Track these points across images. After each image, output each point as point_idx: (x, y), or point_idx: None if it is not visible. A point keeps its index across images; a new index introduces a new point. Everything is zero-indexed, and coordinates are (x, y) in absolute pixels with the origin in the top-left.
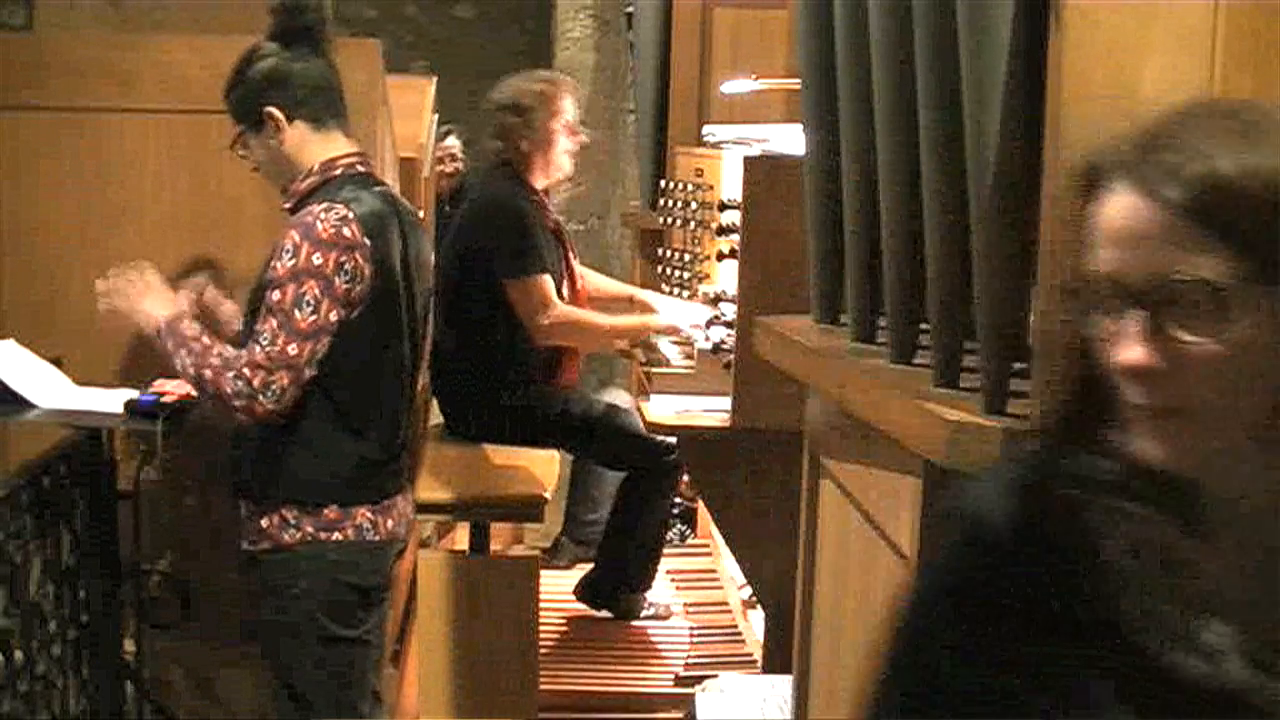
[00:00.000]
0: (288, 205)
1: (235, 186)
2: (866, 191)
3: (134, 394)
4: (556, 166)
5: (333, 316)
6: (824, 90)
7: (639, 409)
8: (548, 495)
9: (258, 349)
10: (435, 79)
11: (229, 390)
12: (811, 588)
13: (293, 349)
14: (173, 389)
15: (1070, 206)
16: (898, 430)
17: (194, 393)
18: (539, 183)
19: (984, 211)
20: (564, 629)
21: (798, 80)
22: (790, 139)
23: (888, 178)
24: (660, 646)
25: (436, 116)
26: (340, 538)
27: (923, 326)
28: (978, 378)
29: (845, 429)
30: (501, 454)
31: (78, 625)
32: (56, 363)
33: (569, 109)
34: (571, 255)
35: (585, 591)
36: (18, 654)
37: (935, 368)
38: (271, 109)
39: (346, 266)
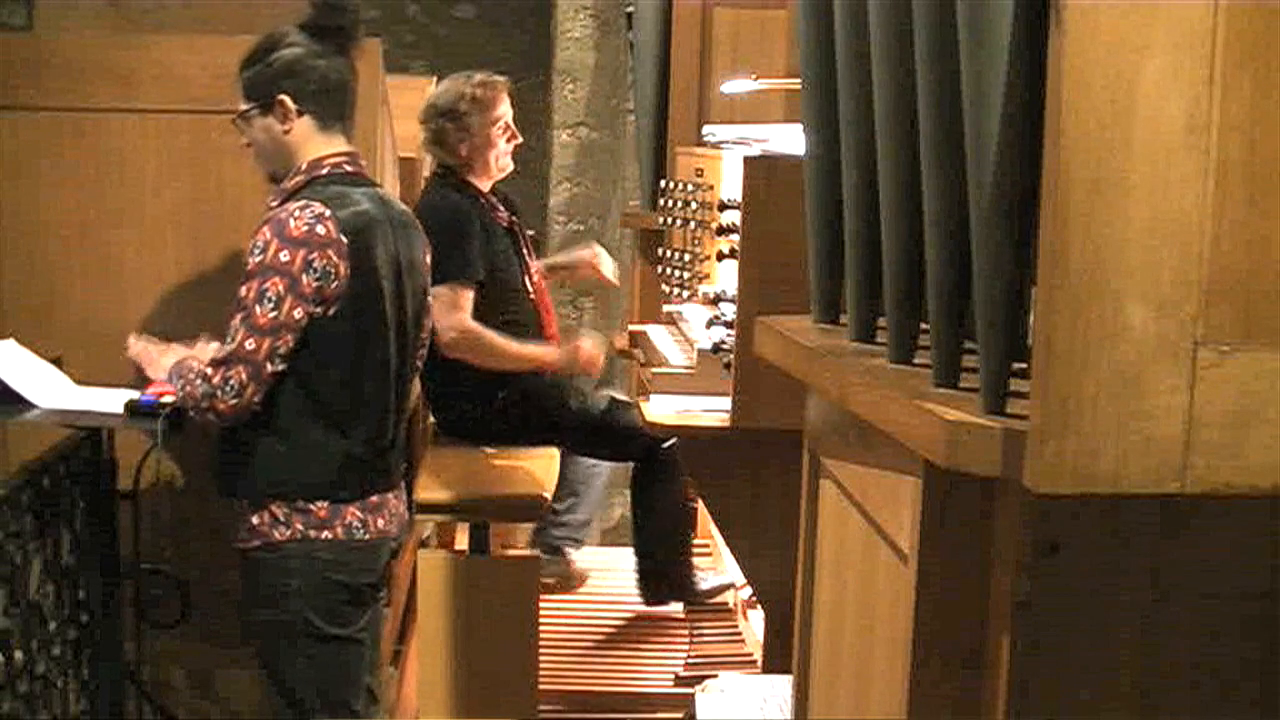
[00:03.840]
0: (274, 203)
1: (235, 186)
2: (866, 191)
3: (134, 394)
4: (499, 167)
5: (297, 314)
6: (824, 90)
7: (639, 408)
8: (548, 495)
9: (222, 347)
10: (435, 79)
11: (196, 394)
12: (811, 588)
13: (250, 344)
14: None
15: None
16: (898, 430)
17: None
18: (484, 184)
19: (984, 211)
20: (564, 629)
21: (798, 80)
22: (790, 139)
23: (888, 178)
24: (660, 646)
25: None
26: (330, 536)
27: (923, 326)
28: (978, 378)
29: (845, 429)
30: (501, 454)
31: (78, 625)
32: (56, 363)
33: (505, 110)
34: (528, 252)
35: (642, 592)
36: (18, 654)
37: (935, 368)
38: (284, 96)
39: (316, 264)
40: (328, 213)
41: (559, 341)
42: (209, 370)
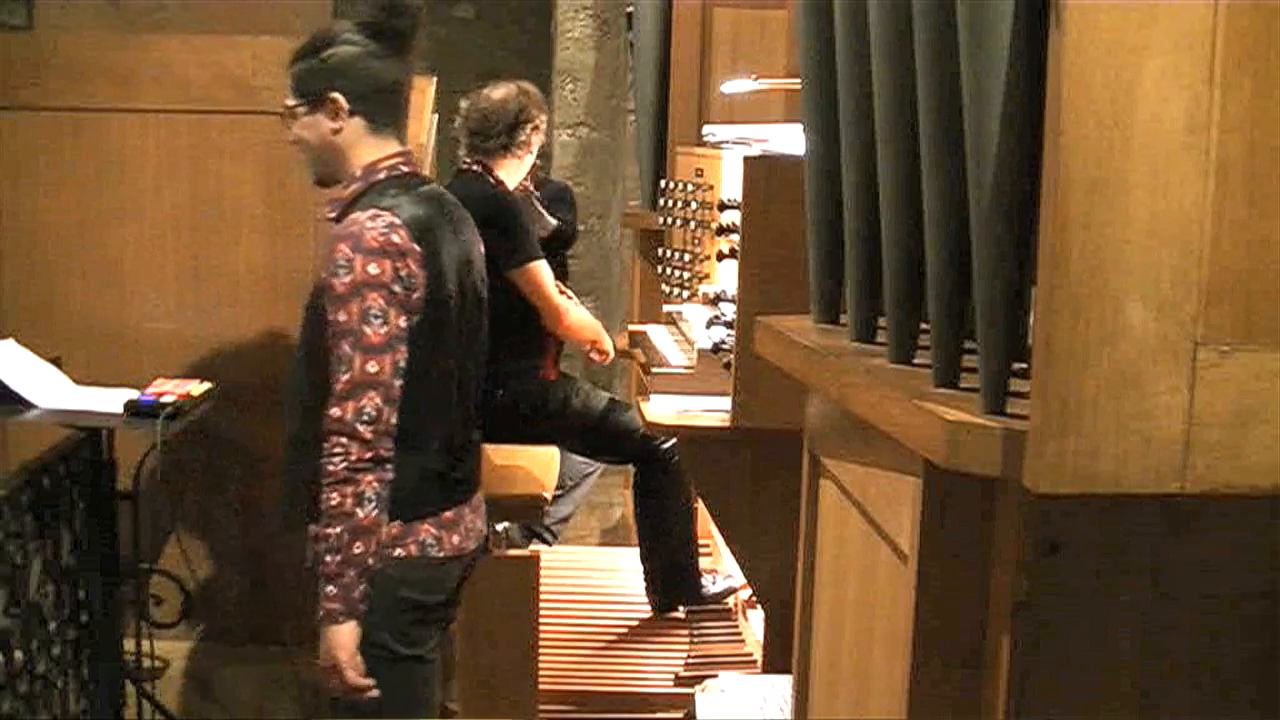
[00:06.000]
0: (332, 215)
1: (235, 186)
2: (866, 191)
3: (134, 394)
4: (522, 176)
5: (402, 323)
6: (824, 90)
7: (639, 409)
8: (548, 495)
9: (338, 381)
10: (435, 79)
11: (334, 460)
12: (811, 588)
13: (372, 366)
14: (172, 389)
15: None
16: (898, 430)
17: (193, 392)
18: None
19: (984, 212)
20: (564, 629)
21: (798, 80)
22: (790, 139)
23: (888, 178)
24: (660, 646)
25: (436, 116)
26: (403, 554)
27: (923, 326)
28: (978, 378)
29: (845, 429)
30: (501, 454)
31: (78, 625)
32: (56, 363)
33: (543, 126)
34: None
35: (651, 598)
36: (18, 654)
37: (935, 368)
38: (336, 94)
39: (403, 273)
40: (398, 220)
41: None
42: (336, 411)
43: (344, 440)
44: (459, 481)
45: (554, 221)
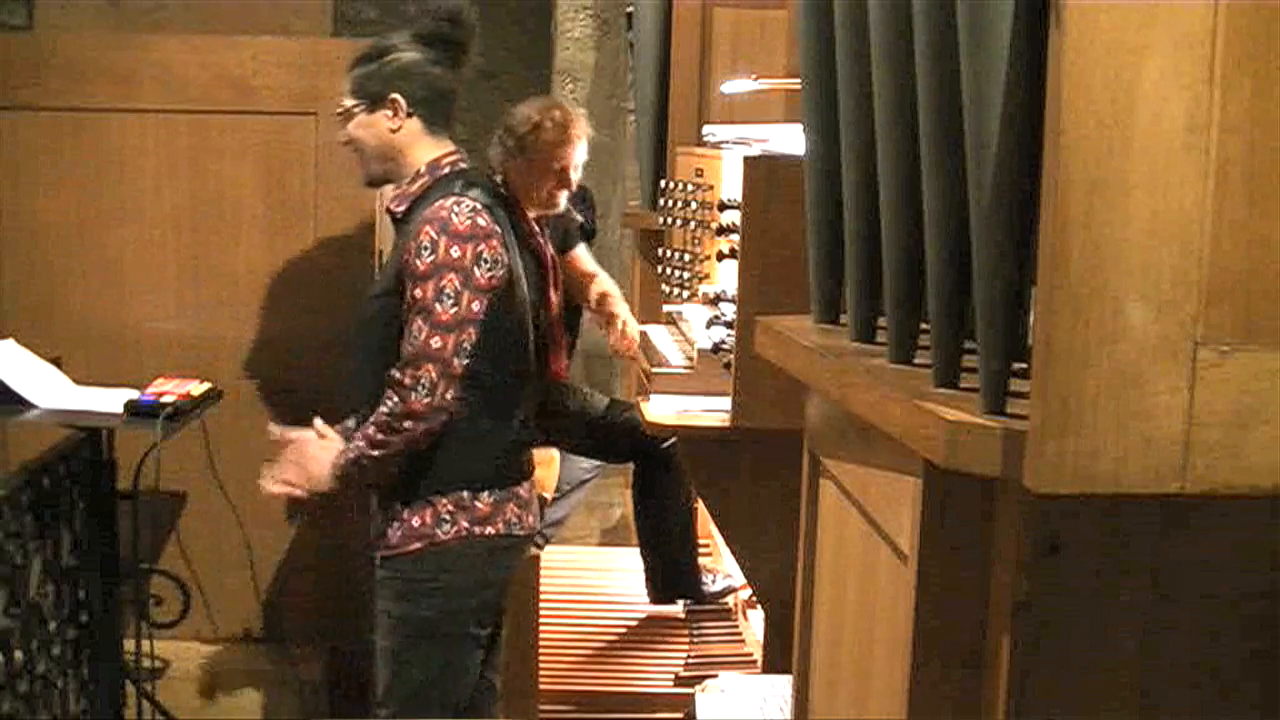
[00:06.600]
0: (401, 208)
1: (235, 186)
2: (866, 191)
3: (134, 394)
4: (537, 200)
5: (475, 307)
6: (824, 90)
7: (639, 408)
8: (547, 496)
9: (406, 348)
10: None
11: (386, 413)
12: (811, 588)
13: (436, 342)
14: (172, 389)
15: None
16: (898, 430)
17: (193, 392)
18: (529, 209)
19: (984, 211)
20: (564, 629)
21: (798, 80)
22: (790, 139)
23: (888, 178)
24: (660, 646)
25: None
26: (493, 532)
27: (923, 326)
28: (978, 378)
29: (845, 429)
30: None
31: (78, 625)
32: (56, 363)
33: (570, 155)
34: (551, 286)
35: (650, 591)
36: (18, 654)
37: (935, 368)
38: (397, 96)
39: (485, 255)
40: (480, 205)
41: (566, 369)
42: (396, 374)
43: (394, 399)
44: (530, 458)
45: (579, 219)
